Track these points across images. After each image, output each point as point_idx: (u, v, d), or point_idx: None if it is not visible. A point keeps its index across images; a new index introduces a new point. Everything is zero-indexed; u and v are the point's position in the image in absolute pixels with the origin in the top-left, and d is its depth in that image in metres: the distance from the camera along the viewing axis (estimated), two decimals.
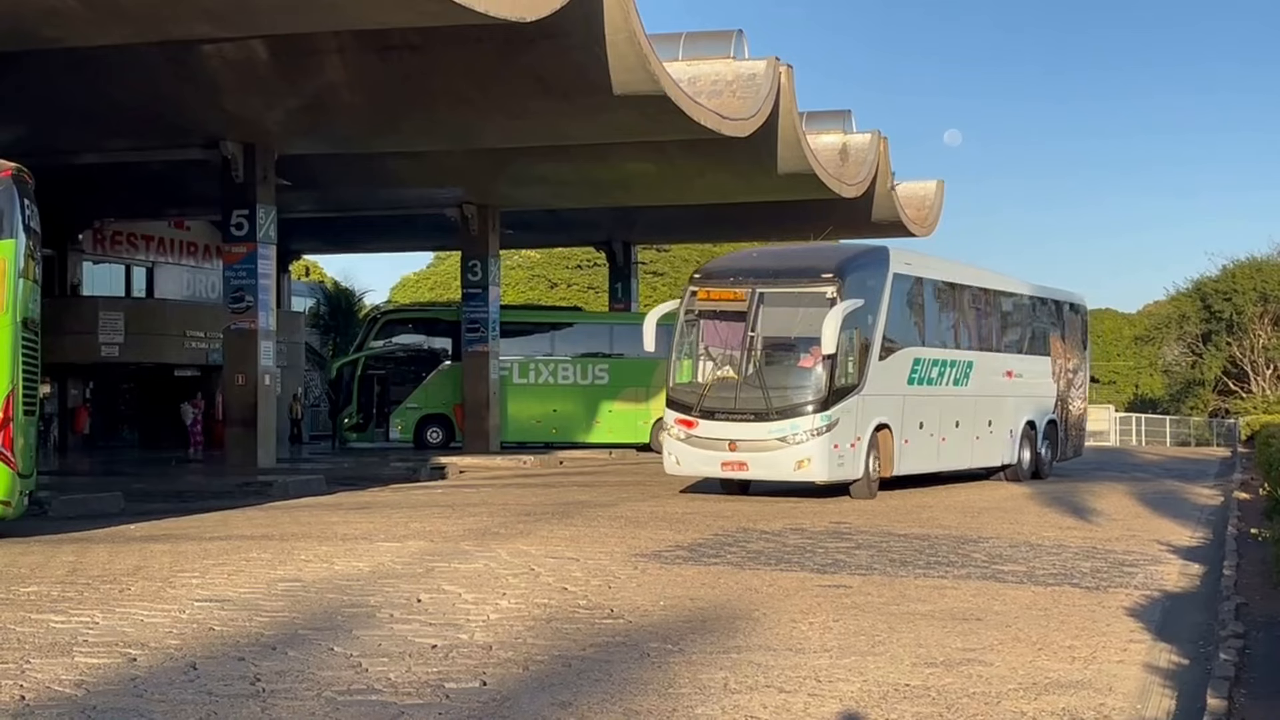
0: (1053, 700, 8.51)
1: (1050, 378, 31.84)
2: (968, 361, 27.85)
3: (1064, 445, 32.71)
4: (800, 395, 22.80)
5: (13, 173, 16.17)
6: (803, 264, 24.66)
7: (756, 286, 23.16)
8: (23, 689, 8.24)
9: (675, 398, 23.82)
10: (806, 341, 22.90)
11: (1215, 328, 79.89)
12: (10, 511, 16.23)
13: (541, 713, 7.95)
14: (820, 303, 22.60)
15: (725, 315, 23.47)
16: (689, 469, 23.91)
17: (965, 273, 29.44)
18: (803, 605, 12.09)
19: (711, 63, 34.16)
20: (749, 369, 23.01)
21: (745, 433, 22.70)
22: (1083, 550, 16.98)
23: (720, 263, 25.62)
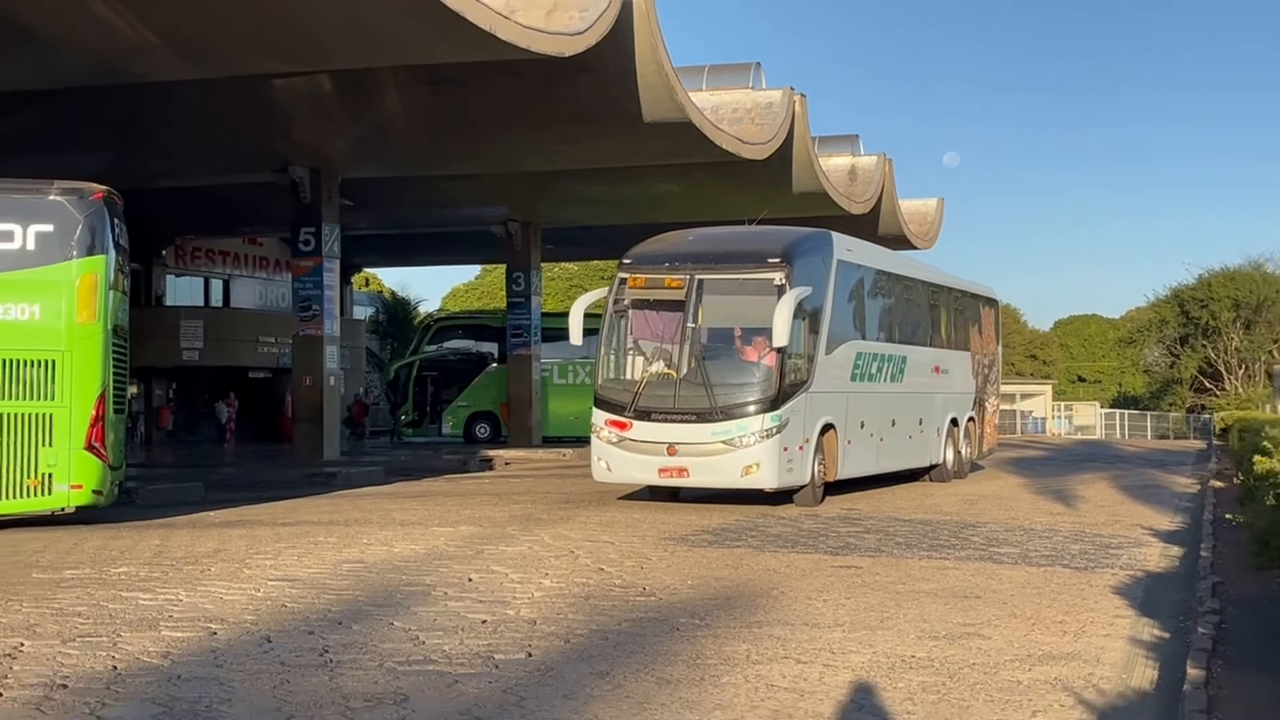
0: (1046, 670, 8.49)
1: (970, 374, 27.96)
2: (902, 356, 23.77)
3: (981, 444, 28.79)
4: (748, 393, 18.50)
5: (104, 195, 16.26)
6: (746, 247, 19.97)
7: (695, 273, 18.74)
8: (115, 659, 8.28)
9: (605, 396, 19.27)
10: (753, 333, 18.83)
11: (1191, 331, 79.93)
12: (102, 500, 16.31)
13: (582, 681, 7.95)
14: (767, 290, 18.53)
15: (660, 305, 19.15)
16: (621, 476, 19.28)
17: (897, 262, 25.66)
18: (817, 584, 12.08)
19: (732, 92, 34.22)
20: (689, 364, 18.58)
21: (686, 435, 18.34)
22: (1072, 534, 16.91)
23: (652, 246, 20.47)
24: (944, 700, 7.66)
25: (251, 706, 7.16)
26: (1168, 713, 7.54)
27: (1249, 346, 76.10)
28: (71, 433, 15.77)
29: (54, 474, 15.77)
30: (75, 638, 8.92)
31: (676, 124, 28.04)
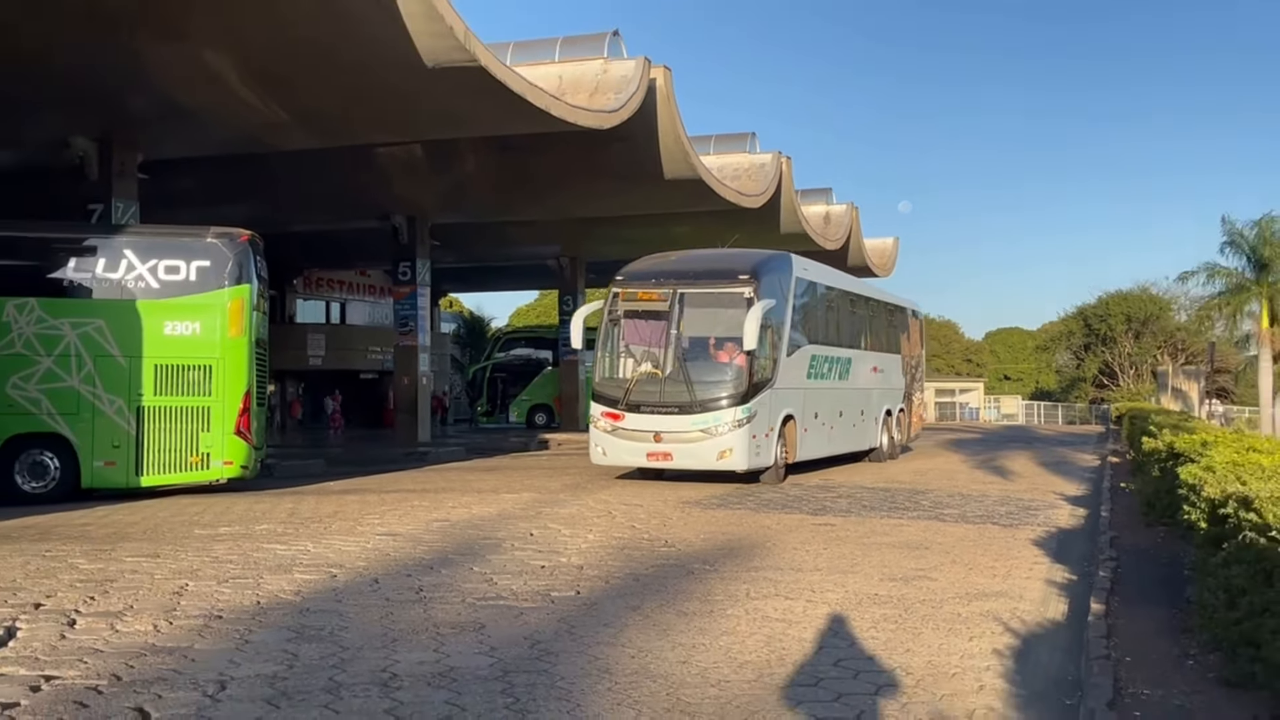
0: (980, 605, 8.46)
1: (901, 372, 26.76)
2: (848, 358, 22.63)
3: (909, 430, 27.73)
4: (722, 389, 17.56)
5: (248, 237, 16.34)
6: (719, 266, 18.97)
7: (677, 287, 17.91)
8: (258, 596, 8.32)
9: (601, 392, 18.28)
10: (726, 339, 17.89)
11: (1093, 340, 79.78)
12: (248, 473, 16.38)
13: (618, 613, 7.95)
14: (738, 302, 17.70)
15: (647, 315, 18.15)
16: (615, 460, 18.24)
17: (843, 279, 24.25)
18: (801, 538, 12.05)
19: (733, 155, 34.27)
20: (673, 365, 17.68)
21: (670, 425, 17.54)
22: (1000, 499, 16.83)
23: (640, 266, 19.51)
24: (901, 628, 7.64)
25: (364, 633, 7.18)
26: (1076, 638, 7.51)
27: (1138, 352, 75.96)
28: (224, 421, 15.85)
29: (211, 453, 15.85)
30: (227, 579, 8.98)
31: (690, 180, 28.06)
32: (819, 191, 43.08)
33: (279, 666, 6.29)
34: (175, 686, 5.86)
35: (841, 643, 7.20)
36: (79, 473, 15.43)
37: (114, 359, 15.52)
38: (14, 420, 15.22)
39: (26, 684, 5.85)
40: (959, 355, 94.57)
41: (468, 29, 17.77)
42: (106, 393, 15.45)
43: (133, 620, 7.36)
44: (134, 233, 16.81)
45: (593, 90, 24.62)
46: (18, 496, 15.08)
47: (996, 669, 6.68)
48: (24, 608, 7.67)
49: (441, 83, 18.86)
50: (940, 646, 7.16)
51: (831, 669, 6.55)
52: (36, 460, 15.36)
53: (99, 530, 12.09)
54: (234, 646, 6.75)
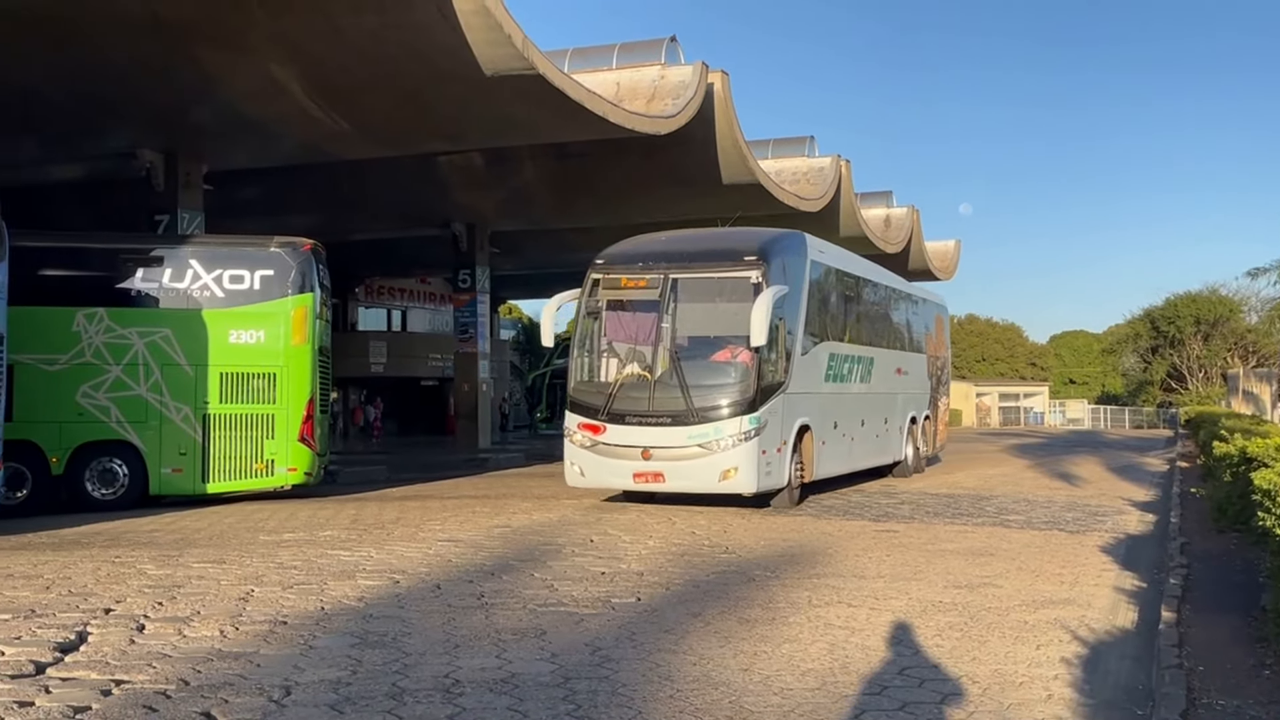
0: (1047, 613, 8.33)
1: (926, 375, 23.55)
2: (870, 358, 19.50)
3: (935, 440, 24.35)
4: (725, 394, 14.43)
5: (311, 247, 16.54)
6: (720, 246, 15.83)
7: (669, 272, 14.87)
8: (322, 602, 8.39)
9: (578, 399, 15.17)
10: (728, 333, 14.82)
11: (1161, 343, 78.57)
12: (311, 480, 16.55)
13: (679, 620, 7.93)
14: (743, 288, 14.62)
15: (633, 305, 15.20)
16: (595, 480, 15.14)
17: (863, 265, 20.71)
18: (863, 544, 11.95)
19: (791, 159, 34.13)
20: (665, 365, 14.66)
21: (661, 439, 14.42)
22: (1066, 504, 16.59)
23: (625, 246, 16.32)
24: (967, 636, 7.54)
25: (426, 638, 7.22)
26: (1146, 646, 7.37)
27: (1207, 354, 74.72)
28: (288, 428, 16.04)
29: (275, 460, 16.05)
30: (292, 585, 9.05)
31: (748, 185, 27.99)
32: (879, 195, 42.84)
33: (343, 672, 6.34)
34: (241, 691, 5.92)
35: (906, 651, 7.11)
36: (147, 479, 15.69)
37: (181, 367, 15.77)
38: (84, 428, 15.52)
39: (98, 688, 5.95)
40: (1023, 359, 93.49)
41: (526, 37, 17.87)
42: (173, 400, 15.70)
43: (200, 625, 7.46)
44: (199, 243, 17.08)
45: (650, 96, 24.65)
46: (88, 503, 15.37)
47: (1065, 678, 6.57)
48: (94, 613, 7.81)
49: (500, 91, 18.98)
50: (1007, 655, 7.05)
51: (896, 677, 6.48)
52: (106, 467, 15.64)
53: (166, 536, 12.28)
54: (299, 652, 6.81)
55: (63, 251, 16.19)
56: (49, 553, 10.84)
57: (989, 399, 79.53)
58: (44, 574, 9.45)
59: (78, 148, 21.45)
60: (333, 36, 17.32)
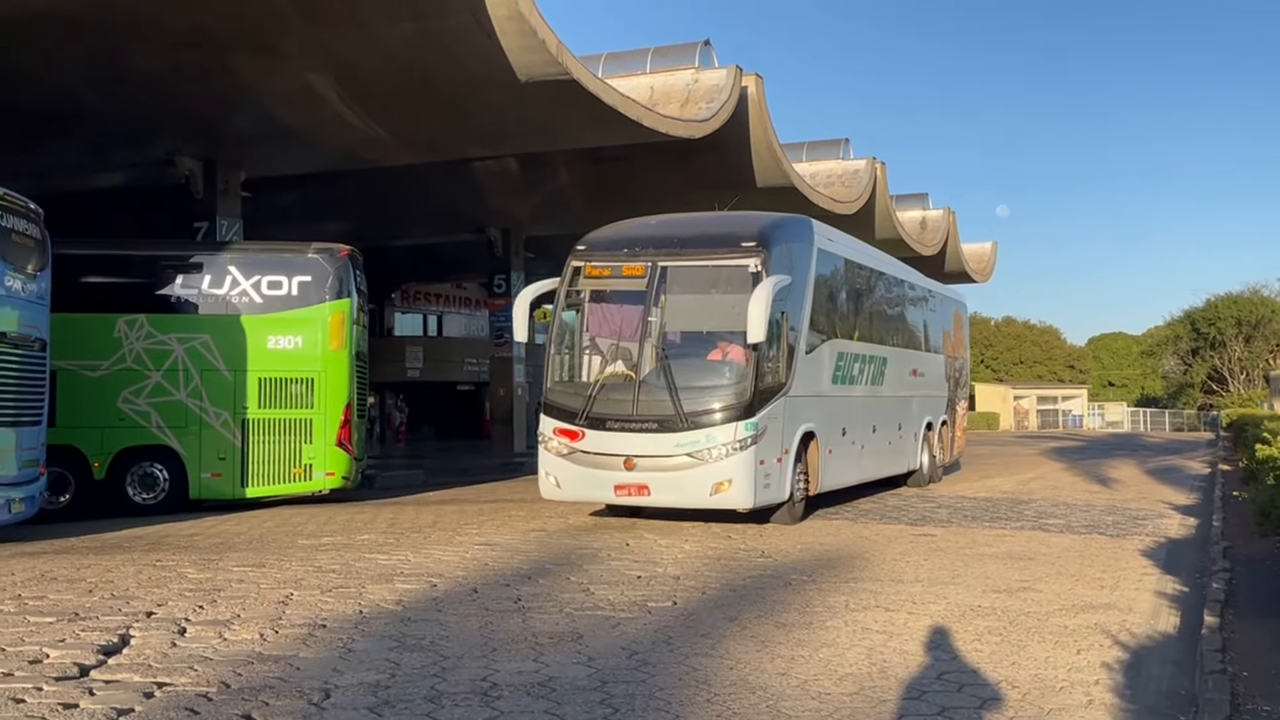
0: (1088, 617, 8.25)
1: (943, 377, 21.74)
2: (883, 357, 17.70)
3: (952, 447, 22.45)
4: (718, 397, 12.85)
5: (348, 253, 16.64)
6: (716, 230, 14.18)
7: (658, 259, 13.28)
8: (360, 606, 8.44)
9: (554, 402, 13.55)
10: (724, 328, 13.18)
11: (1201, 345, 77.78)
12: (349, 484, 16.65)
13: (716, 624, 7.91)
14: (741, 278, 13.02)
15: (618, 296, 13.75)
16: (571, 493, 13.53)
17: (876, 256, 18.93)
18: (900, 548, 11.89)
19: (826, 162, 34.10)
20: (651, 364, 13.01)
21: (646, 447, 12.84)
22: (1106, 508, 16.44)
23: (610, 230, 14.84)
24: (1005, 641, 7.48)
25: (464, 642, 7.24)
26: (1189, 652, 7.29)
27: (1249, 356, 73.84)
28: (326, 433, 16.13)
29: (313, 464, 16.16)
30: (331, 589, 9.11)
31: (783, 188, 27.92)
32: (915, 197, 42.67)
33: (381, 675, 6.37)
34: (281, 694, 5.97)
35: (944, 655, 7.07)
36: (187, 484, 15.84)
37: (220, 373, 15.91)
38: (125, 433, 15.69)
39: (140, 690, 6.01)
40: (1061, 361, 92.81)
41: (560, 42, 17.93)
42: (213, 406, 15.84)
43: (240, 629, 7.52)
44: (238, 249, 17.24)
45: (684, 100, 24.67)
46: (129, 507, 15.54)
47: (1106, 683, 6.50)
48: (136, 616, 7.89)
49: (535, 96, 19.04)
50: (1047, 660, 6.99)
51: (935, 682, 6.44)
52: (146, 472, 15.81)
53: (206, 540, 12.39)
54: (338, 655, 6.85)
55: (104, 259, 16.38)
56: (92, 556, 10.97)
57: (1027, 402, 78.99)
58: (87, 577, 9.56)
59: (118, 156, 21.71)
60: (369, 44, 17.44)
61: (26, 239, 12.51)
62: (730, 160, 26.03)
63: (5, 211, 12.07)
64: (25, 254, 12.46)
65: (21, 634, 7.30)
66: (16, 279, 12.19)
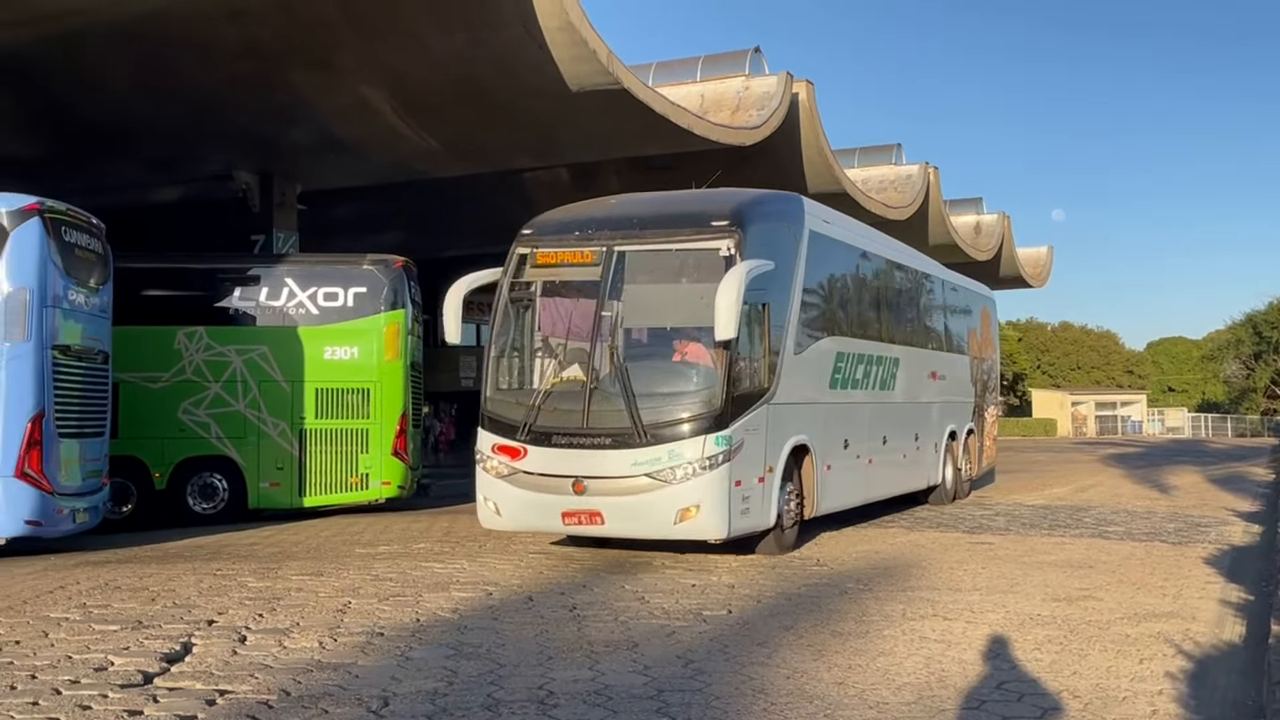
0: (1150, 626, 8.13)
1: (969, 380, 19.29)
2: (894, 358, 15.44)
3: (981, 459, 19.92)
4: (683, 406, 10.77)
5: (403, 264, 16.80)
6: (684, 209, 12.06)
7: (614, 243, 11.21)
8: (417, 614, 8.50)
9: (494, 413, 11.51)
10: (692, 324, 11.07)
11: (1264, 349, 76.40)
12: (404, 493, 16.76)
13: (772, 633, 7.89)
14: (711, 263, 10.91)
15: (568, 288, 11.72)
16: (513, 520, 11.40)
17: (886, 243, 16.69)
18: (958, 557, 11.79)
19: (878, 168, 33.96)
20: (604, 368, 10.89)
21: (598, 466, 10.77)
22: (1167, 515, 16.19)
23: (562, 212, 12.91)
24: (1066, 650, 7.39)
25: (520, 650, 7.27)
26: (1255, 661, 7.16)
27: None
28: (382, 442, 16.28)
29: (370, 473, 16.31)
30: (388, 597, 9.18)
31: (835, 194, 27.79)
32: (969, 201, 42.39)
33: (439, 683, 6.41)
34: (341, 702, 6.03)
35: (1003, 664, 7.00)
36: (246, 494, 16.05)
37: (277, 383, 16.11)
38: (185, 444, 15.92)
39: (202, 698, 6.10)
40: (1119, 367, 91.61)
41: (611, 52, 18.01)
42: (271, 416, 16.04)
43: (299, 637, 7.61)
44: (294, 261, 17.46)
45: (735, 108, 24.68)
46: (189, 517, 15.76)
47: (1170, 693, 6.40)
48: (198, 624, 8.01)
49: (586, 106, 19.14)
50: (1109, 669, 6.90)
51: (994, 692, 6.37)
52: (206, 482, 16.03)
53: (265, 549, 12.54)
54: (395, 663, 6.91)
55: (163, 272, 16.65)
56: (154, 565, 11.14)
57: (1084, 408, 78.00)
58: (149, 586, 9.72)
59: (177, 171, 22.08)
60: (422, 56, 17.62)
61: (89, 254, 12.75)
62: (781, 166, 25.97)
63: (69, 227, 12.32)
64: (88, 268, 12.71)
65: (87, 642, 7.44)
66: (80, 293, 12.43)
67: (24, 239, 11.65)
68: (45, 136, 19.77)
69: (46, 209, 11.92)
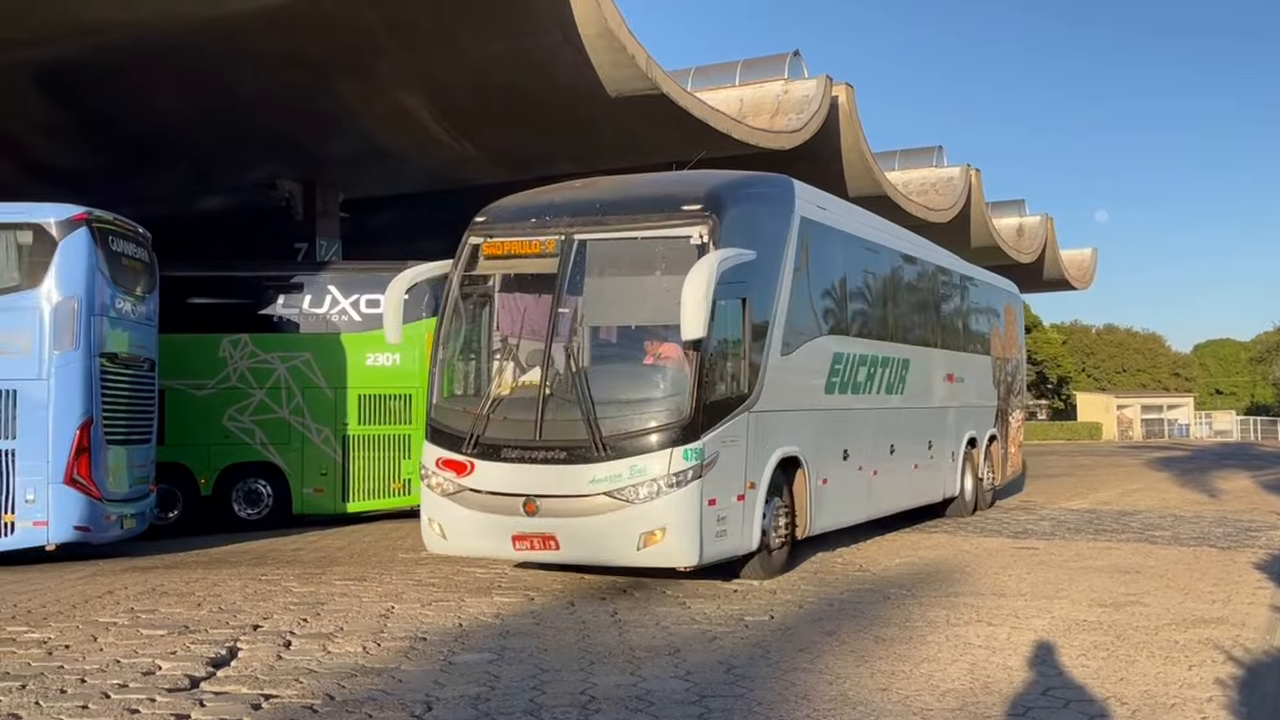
0: (1199, 632, 8.02)
1: (991, 382, 17.78)
2: (904, 359, 14.05)
3: (1005, 467, 18.43)
4: (648, 415, 9.48)
5: None
6: (652, 193, 10.80)
7: (573, 230, 9.99)
8: (460, 619, 8.54)
9: (440, 423, 10.24)
10: (659, 322, 9.78)
11: None
12: None
13: (814, 638, 7.86)
14: (682, 253, 9.63)
15: (522, 282, 10.45)
16: (459, 545, 10.04)
17: (894, 233, 15.17)
18: (1002, 562, 11.69)
19: (919, 170, 33.81)
20: (560, 372, 9.68)
21: (553, 483, 9.46)
22: (1216, 519, 15.97)
23: (519, 197, 11.49)
24: (1113, 656, 7.31)
25: (562, 655, 7.29)
26: None
27: None
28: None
29: (412, 479, 16.33)
30: (431, 602, 9.23)
31: (875, 197, 27.70)
32: (1011, 204, 42.12)
33: (482, 688, 6.44)
34: (385, 707, 6.06)
35: (1049, 671, 6.93)
36: (290, 499, 16.17)
37: (321, 390, 16.24)
38: (230, 450, 16.07)
39: (248, 702, 6.16)
40: (1165, 369, 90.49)
41: (649, 57, 18.04)
42: (314, 423, 16.16)
43: (343, 642, 7.66)
44: (337, 269, 17.59)
45: (774, 112, 24.63)
46: (234, 522, 15.91)
47: (1220, 700, 6.32)
48: (244, 629, 8.08)
49: (624, 112, 19.17)
50: (1156, 675, 6.81)
51: (1040, 698, 6.31)
52: (251, 488, 16.17)
53: (309, 554, 12.64)
54: (438, 668, 6.94)
55: (208, 280, 16.82)
56: (200, 571, 11.26)
57: (1130, 411, 77.13)
58: (195, 591, 9.82)
59: (220, 180, 22.33)
60: (461, 63, 17.73)
61: (136, 263, 12.92)
62: (820, 170, 25.84)
63: (116, 236, 12.49)
64: (134, 277, 12.87)
65: (135, 646, 7.53)
66: (126, 301, 12.59)
67: (72, 249, 11.82)
68: (93, 147, 20.06)
69: (94, 219, 12.09)
